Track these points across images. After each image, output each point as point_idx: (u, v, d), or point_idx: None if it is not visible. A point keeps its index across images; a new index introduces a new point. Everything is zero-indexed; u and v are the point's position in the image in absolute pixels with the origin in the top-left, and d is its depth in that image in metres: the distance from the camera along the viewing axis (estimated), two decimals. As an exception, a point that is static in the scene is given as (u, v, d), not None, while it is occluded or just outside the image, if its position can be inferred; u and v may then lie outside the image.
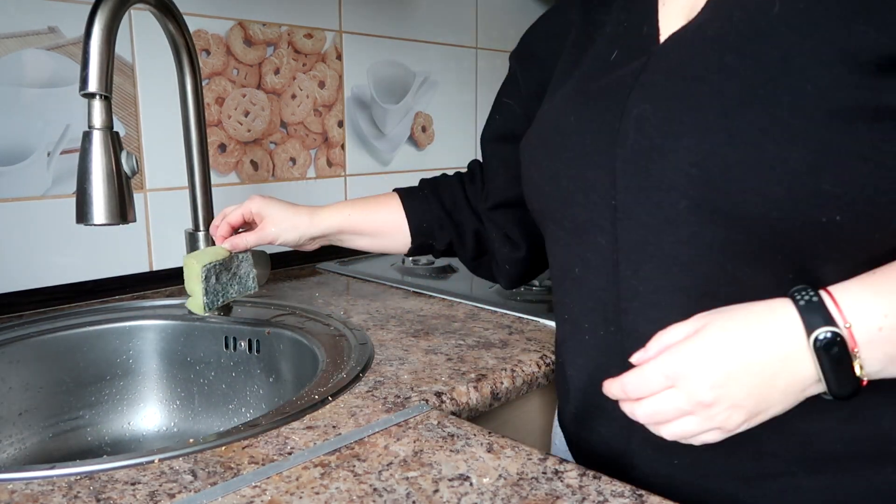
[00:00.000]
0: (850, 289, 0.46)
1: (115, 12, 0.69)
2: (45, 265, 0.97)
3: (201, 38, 1.09)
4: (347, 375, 0.71)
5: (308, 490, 0.50)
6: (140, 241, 1.05)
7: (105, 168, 0.70)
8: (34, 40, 0.92)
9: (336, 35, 1.28)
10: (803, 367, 0.46)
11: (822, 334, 0.45)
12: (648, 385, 0.49)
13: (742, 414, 0.47)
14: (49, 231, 0.96)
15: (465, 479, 0.51)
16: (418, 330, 0.87)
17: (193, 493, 0.50)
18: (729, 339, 0.47)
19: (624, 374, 0.51)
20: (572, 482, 0.51)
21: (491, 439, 0.57)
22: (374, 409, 0.64)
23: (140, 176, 1.05)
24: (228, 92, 1.13)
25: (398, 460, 0.54)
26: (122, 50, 1.00)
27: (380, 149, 1.39)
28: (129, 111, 1.02)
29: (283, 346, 0.88)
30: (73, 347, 0.88)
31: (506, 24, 1.60)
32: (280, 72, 1.20)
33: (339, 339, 0.83)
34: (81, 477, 0.52)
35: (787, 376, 0.46)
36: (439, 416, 0.62)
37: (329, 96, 1.28)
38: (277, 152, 1.22)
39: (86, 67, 0.67)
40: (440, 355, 0.78)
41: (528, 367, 0.76)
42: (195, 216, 0.93)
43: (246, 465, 0.54)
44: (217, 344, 0.92)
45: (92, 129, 0.69)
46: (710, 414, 0.47)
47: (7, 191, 0.93)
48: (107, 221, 0.70)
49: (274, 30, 1.18)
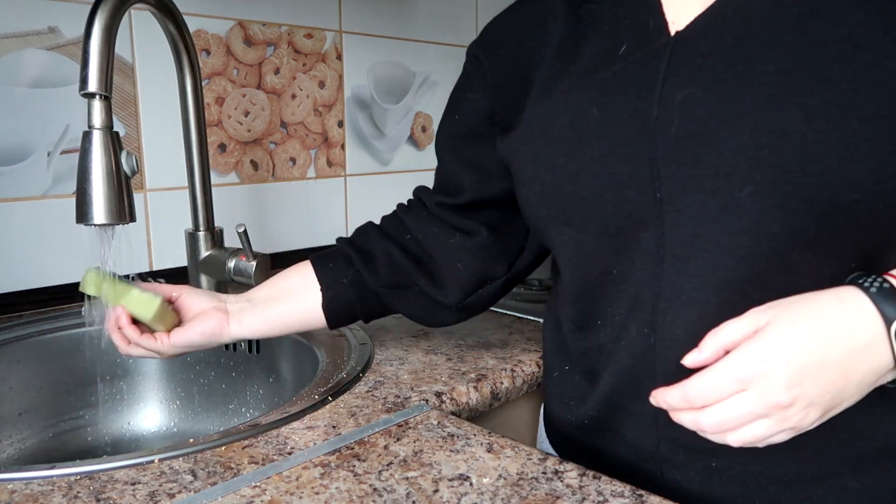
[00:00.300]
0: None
1: (115, 12, 0.69)
2: (45, 265, 0.97)
3: (201, 38, 1.09)
4: (347, 375, 0.71)
5: (308, 490, 0.50)
6: (140, 241, 1.05)
7: (105, 168, 0.70)
8: (34, 40, 0.92)
9: (336, 35, 1.28)
10: (880, 357, 0.44)
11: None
12: (717, 391, 0.45)
13: (818, 411, 0.45)
14: (49, 231, 0.96)
15: (465, 479, 0.51)
16: (418, 330, 0.87)
17: (193, 493, 0.50)
18: (801, 333, 0.44)
19: (684, 381, 0.47)
20: (572, 482, 0.51)
21: (491, 439, 0.57)
22: (374, 409, 0.64)
23: (140, 176, 1.05)
24: (228, 92, 1.13)
25: (398, 460, 0.54)
26: (122, 50, 1.00)
27: (380, 149, 1.39)
28: (129, 111, 1.02)
29: (283, 346, 0.88)
30: (73, 347, 0.88)
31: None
32: (280, 72, 1.20)
33: (339, 339, 0.83)
34: (81, 477, 0.52)
35: (864, 367, 0.44)
36: (439, 416, 0.62)
37: (329, 96, 1.28)
38: (277, 152, 1.22)
39: (86, 67, 0.67)
40: (440, 355, 0.78)
41: (528, 367, 0.76)
42: (195, 216, 0.93)
43: (246, 465, 0.54)
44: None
45: (92, 129, 0.69)
46: (787, 415, 0.45)
47: (7, 191, 0.93)
48: (107, 221, 0.70)
49: (274, 30, 1.18)
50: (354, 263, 0.71)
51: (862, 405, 0.47)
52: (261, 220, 1.19)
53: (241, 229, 0.89)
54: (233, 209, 1.16)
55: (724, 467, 0.54)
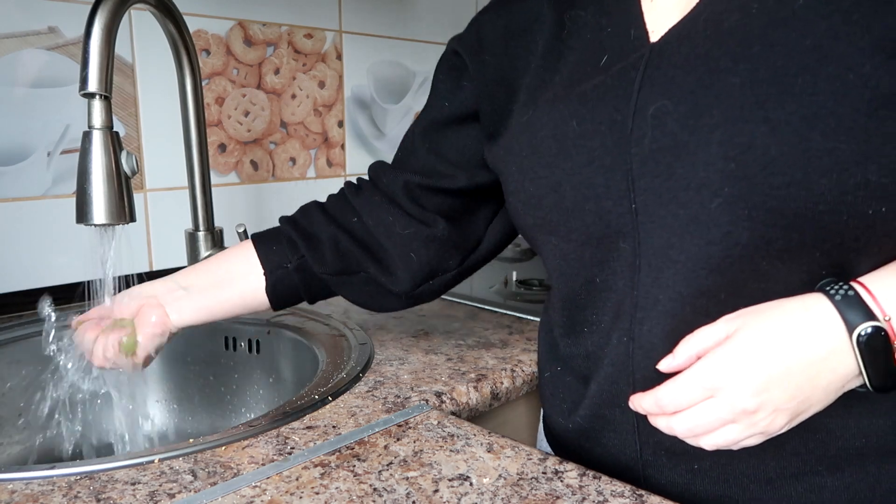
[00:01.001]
0: (883, 279, 0.45)
1: (114, 12, 0.69)
2: (45, 265, 0.97)
3: (201, 38, 1.09)
4: (347, 375, 0.71)
5: (308, 490, 0.50)
6: (140, 241, 1.05)
7: (105, 168, 0.70)
8: (34, 40, 0.92)
9: (336, 35, 1.28)
10: (845, 364, 0.45)
11: (864, 329, 0.44)
12: (687, 397, 0.47)
13: (785, 416, 0.46)
14: (49, 231, 0.96)
15: (465, 479, 0.51)
16: (418, 330, 0.87)
17: (193, 493, 0.50)
18: (767, 341, 0.45)
19: (657, 387, 0.48)
20: (572, 482, 0.51)
21: (491, 439, 0.57)
22: (374, 408, 0.64)
23: (140, 176, 1.05)
24: (228, 92, 1.13)
25: (398, 460, 0.54)
26: (122, 50, 1.00)
27: (380, 149, 1.39)
28: (129, 111, 1.02)
29: (283, 346, 0.88)
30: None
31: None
32: (280, 72, 1.20)
33: (339, 339, 0.83)
34: (81, 477, 0.52)
35: (829, 374, 0.45)
36: (439, 416, 0.62)
37: (329, 96, 1.28)
38: (277, 152, 1.22)
39: (86, 67, 0.67)
40: (440, 355, 0.78)
41: (528, 367, 0.76)
42: (195, 216, 0.93)
43: (246, 465, 0.54)
44: (217, 344, 0.92)
45: (92, 129, 0.69)
46: (754, 420, 0.46)
47: (7, 191, 0.93)
48: (107, 221, 0.70)
49: (274, 30, 1.18)
50: (299, 248, 0.70)
51: (837, 406, 0.48)
52: (261, 220, 1.19)
53: (241, 229, 0.89)
54: (233, 209, 1.16)
55: (706, 468, 0.55)
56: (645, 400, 0.49)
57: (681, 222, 0.49)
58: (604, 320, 0.57)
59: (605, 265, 0.55)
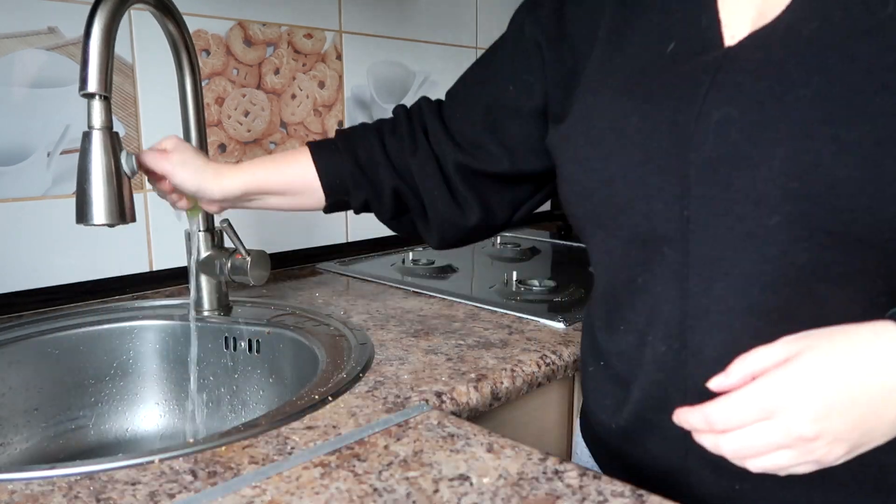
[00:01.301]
0: None
1: (114, 12, 0.69)
2: (45, 265, 0.97)
3: (201, 38, 1.09)
4: (347, 375, 0.71)
5: (308, 490, 0.50)
6: (140, 241, 1.05)
7: (105, 168, 0.70)
8: (34, 40, 0.92)
9: (336, 35, 1.28)
10: None
11: None
12: (740, 417, 0.44)
13: (844, 447, 0.43)
14: (49, 231, 0.96)
15: (465, 479, 0.51)
16: (418, 330, 0.87)
17: (193, 493, 0.50)
18: (832, 366, 0.42)
19: (708, 403, 0.46)
20: (572, 482, 0.51)
21: (491, 439, 0.57)
22: (375, 409, 0.64)
23: (140, 176, 1.05)
24: (228, 92, 1.13)
25: (398, 460, 0.54)
26: (122, 50, 1.00)
27: (380, 149, 1.39)
28: (129, 111, 1.02)
29: (283, 346, 0.88)
30: (73, 347, 0.88)
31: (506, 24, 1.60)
32: (280, 72, 1.20)
33: (339, 339, 0.83)
34: (81, 477, 0.52)
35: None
36: (439, 416, 0.62)
37: (329, 96, 1.28)
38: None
39: (85, 67, 0.67)
40: (440, 355, 0.78)
41: (528, 367, 0.76)
42: (195, 216, 0.93)
43: (246, 465, 0.54)
44: (217, 344, 0.92)
45: (91, 130, 0.69)
46: (811, 448, 0.43)
47: (7, 191, 0.93)
48: (107, 221, 0.70)
49: (274, 30, 1.18)
50: (363, 190, 0.75)
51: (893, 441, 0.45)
52: (261, 220, 1.19)
53: (225, 224, 0.89)
54: (232, 209, 1.16)
55: (747, 490, 0.53)
56: (693, 415, 0.47)
57: (735, 235, 0.47)
58: (639, 321, 0.56)
59: (647, 267, 0.54)
